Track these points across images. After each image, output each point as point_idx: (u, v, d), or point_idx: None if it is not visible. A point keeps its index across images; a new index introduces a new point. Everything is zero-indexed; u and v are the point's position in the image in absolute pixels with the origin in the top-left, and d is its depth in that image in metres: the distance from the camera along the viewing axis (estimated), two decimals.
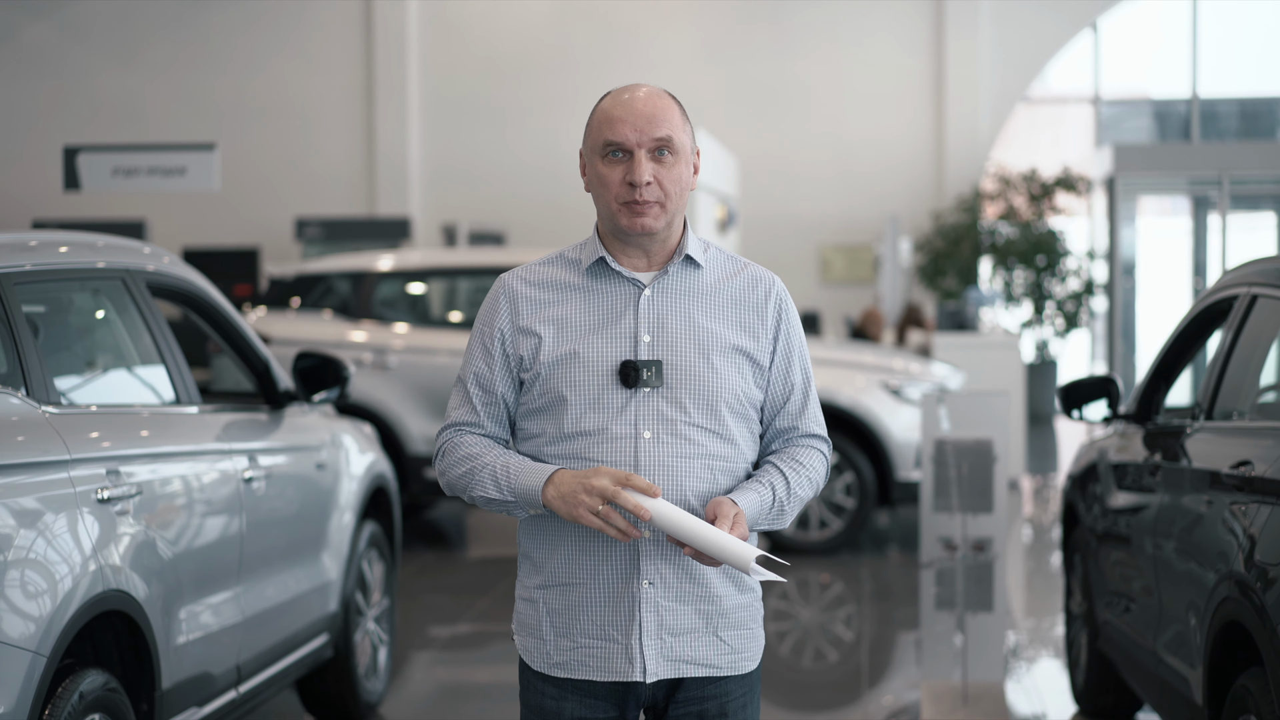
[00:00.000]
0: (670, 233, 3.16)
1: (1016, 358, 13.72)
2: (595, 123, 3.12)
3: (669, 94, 3.15)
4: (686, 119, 3.16)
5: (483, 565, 10.54)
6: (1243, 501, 4.44)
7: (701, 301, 3.16)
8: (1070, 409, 6.13)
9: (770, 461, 3.21)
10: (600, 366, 3.10)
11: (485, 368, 3.19)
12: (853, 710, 6.98)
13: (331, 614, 6.14)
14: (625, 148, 3.09)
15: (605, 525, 2.99)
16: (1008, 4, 20.14)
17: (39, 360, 4.40)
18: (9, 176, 20.50)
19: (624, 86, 3.15)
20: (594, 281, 3.16)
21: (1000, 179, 19.91)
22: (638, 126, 3.08)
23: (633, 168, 3.08)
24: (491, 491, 3.11)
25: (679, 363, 3.11)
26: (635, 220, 3.10)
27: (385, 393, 10.70)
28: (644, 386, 3.09)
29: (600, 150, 3.11)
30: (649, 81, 15.22)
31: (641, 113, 3.09)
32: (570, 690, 3.16)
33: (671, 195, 3.11)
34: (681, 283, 3.17)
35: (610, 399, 3.10)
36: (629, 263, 3.17)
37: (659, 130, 3.09)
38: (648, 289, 3.15)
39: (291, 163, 20.57)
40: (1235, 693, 4.29)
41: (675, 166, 3.11)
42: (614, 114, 3.10)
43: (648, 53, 20.31)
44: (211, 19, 20.61)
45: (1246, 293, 5.15)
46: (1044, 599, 9.30)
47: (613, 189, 3.11)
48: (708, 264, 3.20)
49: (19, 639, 3.84)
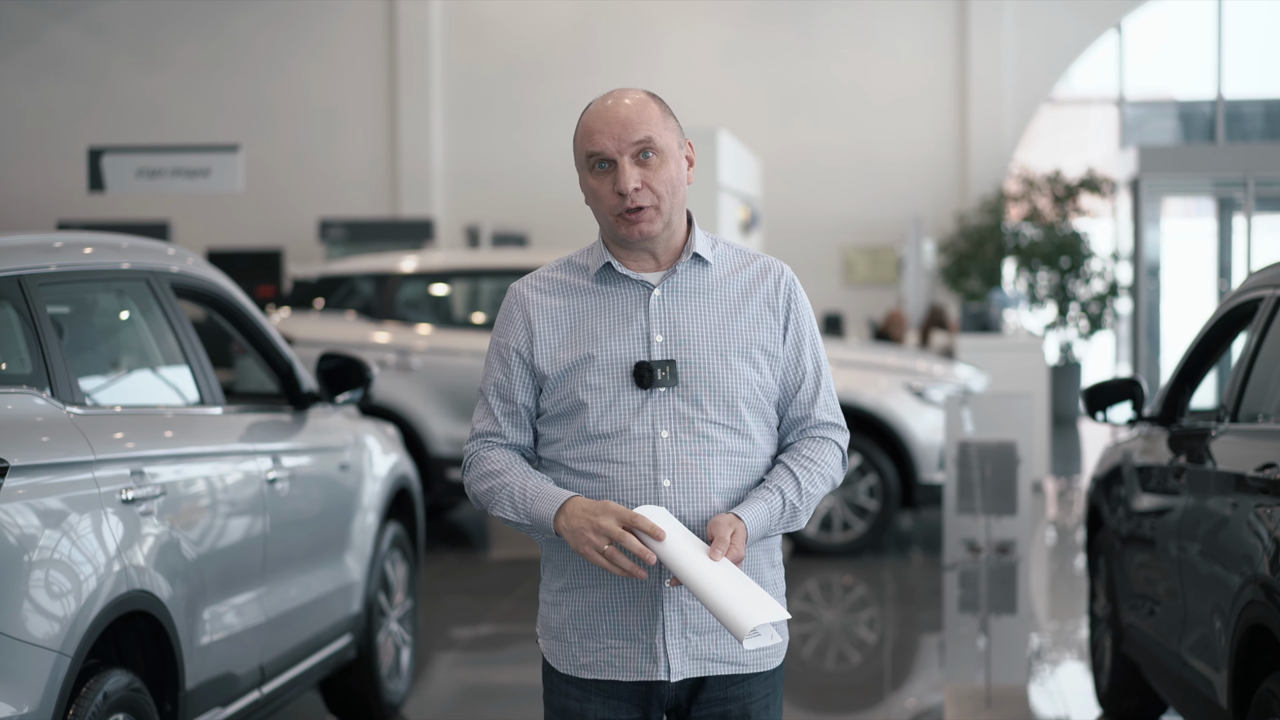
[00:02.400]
0: (672, 233, 3.15)
1: (1040, 360, 13.68)
2: (578, 136, 3.11)
3: (648, 94, 3.13)
4: (669, 116, 3.12)
5: (505, 566, 10.54)
6: (1268, 504, 4.42)
7: (711, 298, 3.16)
8: (1095, 411, 6.11)
9: (780, 461, 3.19)
10: (615, 369, 3.11)
11: (504, 378, 3.20)
12: (875, 712, 6.97)
13: (354, 615, 6.14)
14: (607, 157, 3.07)
15: (610, 565, 2.99)
16: (1032, 5, 20.08)
17: (64, 361, 4.42)
18: (34, 178, 20.57)
19: (603, 95, 3.13)
20: (603, 285, 3.17)
21: (1024, 180, 19.86)
22: (615, 134, 3.06)
23: (619, 176, 3.07)
24: (510, 514, 3.15)
25: (693, 361, 3.11)
26: (633, 228, 3.09)
27: (408, 394, 10.71)
28: (659, 386, 3.09)
29: (586, 164, 3.10)
30: (670, 83, 15.10)
31: (618, 119, 3.07)
32: (594, 692, 3.17)
33: (664, 196, 3.09)
34: (690, 281, 3.16)
35: (627, 400, 3.10)
36: (636, 265, 3.16)
37: (637, 134, 3.06)
38: (657, 289, 3.14)
39: (315, 164, 20.61)
40: (1260, 696, 4.28)
41: (662, 167, 3.09)
42: (591, 125, 3.09)
43: (670, 54, 20.31)
44: (235, 20, 20.67)
45: (1272, 294, 5.13)
46: (1068, 602, 9.27)
47: (605, 201, 3.10)
48: (716, 260, 3.19)
49: (44, 639, 3.85)
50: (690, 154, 3.16)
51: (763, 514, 3.09)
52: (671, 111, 3.14)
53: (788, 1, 20.27)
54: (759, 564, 3.18)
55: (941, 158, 20.23)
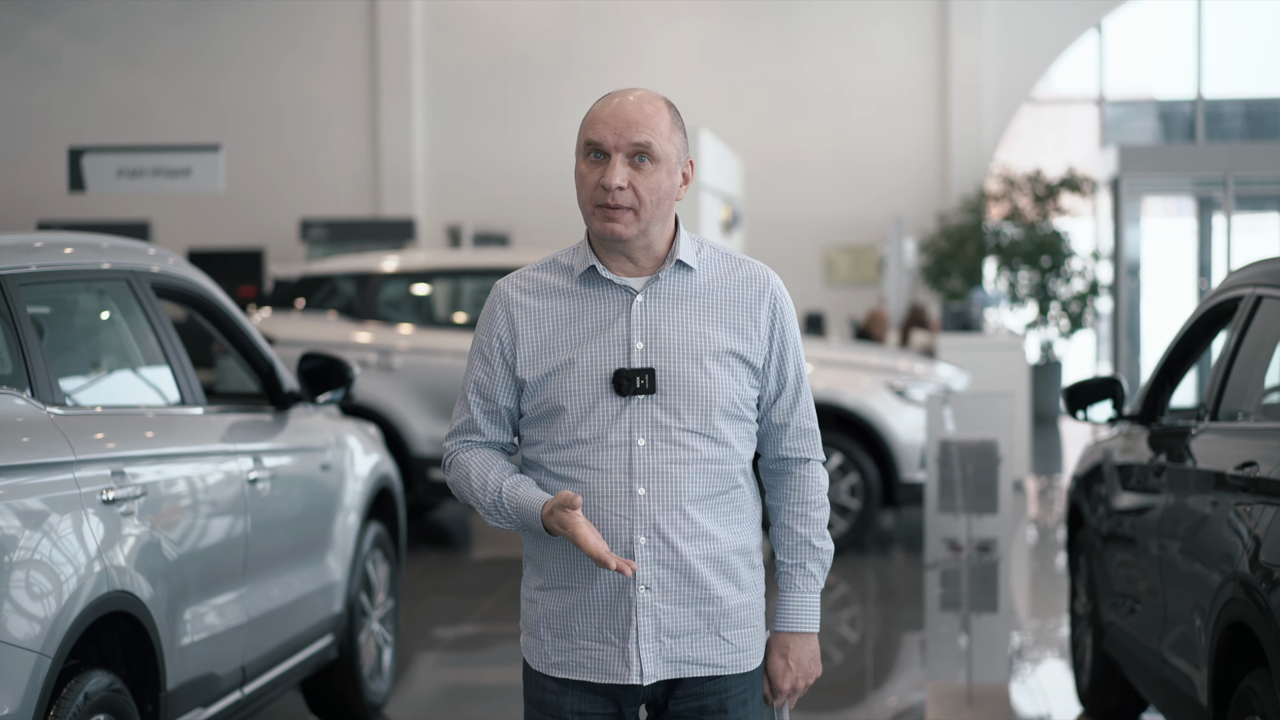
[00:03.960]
0: (652, 240, 3.13)
1: (1021, 359, 13.71)
2: (584, 122, 3.11)
3: (666, 102, 3.12)
4: (677, 130, 3.11)
5: (487, 566, 10.54)
6: (1248, 502, 4.43)
7: (694, 306, 3.14)
8: (1075, 410, 6.12)
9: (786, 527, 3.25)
10: (594, 374, 3.10)
11: (485, 376, 3.20)
12: (857, 711, 6.98)
13: (336, 615, 6.14)
14: (603, 149, 3.06)
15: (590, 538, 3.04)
16: (1012, 5, 20.12)
17: (44, 361, 4.41)
18: (14, 177, 20.51)
19: (622, 89, 3.13)
20: (586, 288, 3.15)
21: (1005, 180, 19.90)
22: (617, 130, 3.05)
23: (607, 170, 3.06)
24: (495, 515, 3.18)
25: (672, 369, 3.10)
26: (606, 225, 3.07)
27: (390, 394, 10.70)
28: (637, 394, 3.08)
29: (582, 149, 3.10)
30: (653, 82, 15.12)
31: (624, 117, 3.06)
32: (570, 686, 3.17)
33: (646, 203, 3.07)
34: (674, 288, 3.14)
35: (605, 407, 3.10)
36: (619, 269, 3.14)
37: (638, 135, 3.05)
38: (640, 295, 3.13)
39: (296, 164, 20.58)
40: (1240, 694, 4.29)
41: (654, 174, 3.07)
42: (598, 115, 3.08)
43: (653, 54, 20.31)
44: (216, 20, 20.62)
45: (1251, 293, 5.14)
46: (1049, 600, 9.29)
47: (587, 189, 3.09)
48: (701, 266, 3.17)
49: (24, 640, 3.84)
50: (689, 171, 3.15)
51: (814, 605, 3.24)
52: (683, 126, 3.14)
53: (769, 1, 20.28)
54: (736, 567, 3.18)
55: (922, 157, 20.26)
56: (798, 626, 3.23)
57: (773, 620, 3.27)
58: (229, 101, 20.51)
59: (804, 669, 3.24)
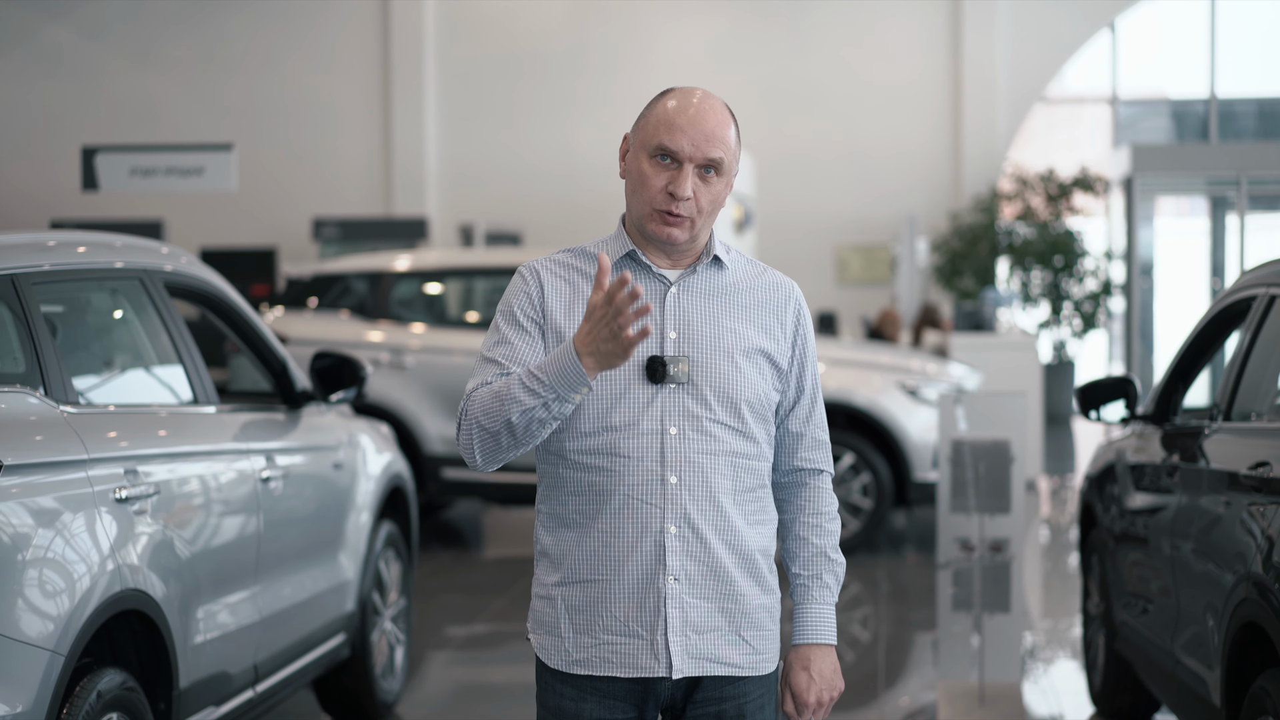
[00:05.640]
0: (698, 241, 3.17)
1: (1034, 358, 13.70)
2: (654, 121, 3.11)
3: (729, 109, 3.16)
4: (738, 137, 3.17)
5: (499, 565, 10.54)
6: (1261, 502, 4.43)
7: (726, 302, 3.17)
8: (1088, 409, 6.12)
9: (801, 538, 3.26)
10: (627, 361, 3.10)
11: (513, 335, 3.11)
12: (869, 711, 6.98)
13: (348, 614, 6.14)
14: (678, 158, 3.08)
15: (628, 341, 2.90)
16: (1025, 4, 20.10)
17: (57, 360, 4.42)
18: (27, 177, 20.55)
19: (690, 90, 3.15)
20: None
21: (1017, 179, 19.87)
22: (696, 142, 3.08)
23: (678, 179, 3.07)
24: (528, 399, 2.98)
25: (703, 360, 3.11)
26: (664, 229, 3.09)
27: (402, 393, 10.71)
28: (670, 382, 3.09)
29: (651, 150, 3.10)
30: (664, 80, 15.15)
31: (704, 130, 3.09)
32: (589, 690, 3.15)
33: (705, 212, 3.11)
34: (707, 282, 3.17)
35: (637, 394, 3.10)
36: (654, 259, 3.17)
37: (714, 151, 3.09)
38: (674, 286, 3.15)
39: (309, 163, 20.60)
40: (1253, 694, 4.28)
41: (717, 185, 3.11)
42: (677, 121, 3.09)
43: (664, 52, 20.31)
44: (228, 19, 20.65)
45: (1265, 293, 5.14)
46: (1061, 600, 9.28)
47: (651, 192, 3.09)
48: (731, 265, 3.21)
49: (37, 638, 3.85)
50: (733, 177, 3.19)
51: (830, 614, 3.27)
52: (739, 133, 3.19)
53: (781, 0, 20.26)
54: (760, 568, 3.18)
55: (935, 156, 20.24)
56: (817, 638, 3.24)
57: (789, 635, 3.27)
58: (240, 101, 20.54)
59: (827, 681, 3.24)
